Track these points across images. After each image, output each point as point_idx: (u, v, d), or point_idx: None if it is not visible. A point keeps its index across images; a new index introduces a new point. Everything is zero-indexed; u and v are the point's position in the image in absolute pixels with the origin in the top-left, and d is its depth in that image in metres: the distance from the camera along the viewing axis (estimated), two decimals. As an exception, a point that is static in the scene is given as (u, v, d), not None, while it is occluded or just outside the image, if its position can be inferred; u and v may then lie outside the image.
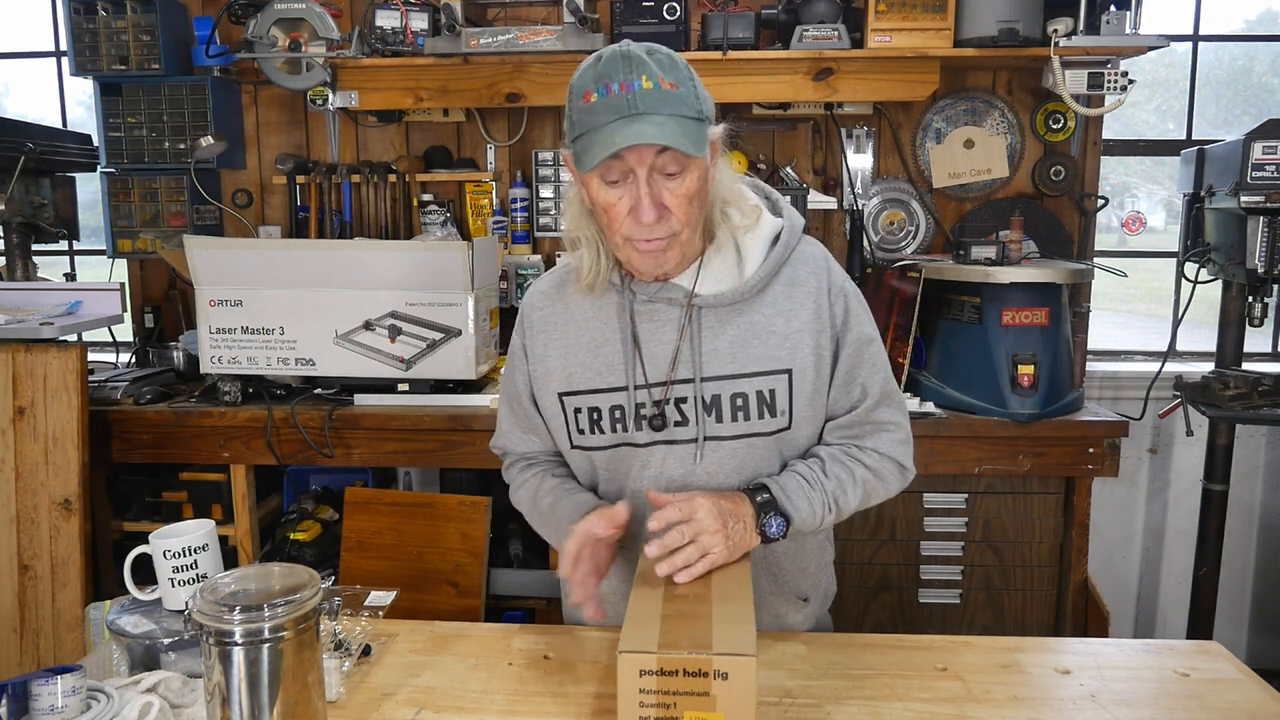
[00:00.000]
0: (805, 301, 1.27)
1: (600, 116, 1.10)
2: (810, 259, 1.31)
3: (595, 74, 1.12)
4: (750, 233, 1.27)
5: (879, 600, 2.43)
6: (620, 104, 1.09)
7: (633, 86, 1.09)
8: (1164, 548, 3.09)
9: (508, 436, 1.45)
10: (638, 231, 1.16)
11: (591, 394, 1.30)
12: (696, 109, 1.13)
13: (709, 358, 1.26)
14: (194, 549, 1.24)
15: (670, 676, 0.97)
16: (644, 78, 1.10)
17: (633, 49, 1.13)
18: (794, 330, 1.27)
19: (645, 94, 1.09)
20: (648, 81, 1.10)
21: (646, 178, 1.13)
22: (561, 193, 2.91)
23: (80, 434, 2.31)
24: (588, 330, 1.31)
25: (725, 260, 1.26)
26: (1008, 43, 2.46)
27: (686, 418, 1.27)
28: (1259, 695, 1.17)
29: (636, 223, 1.15)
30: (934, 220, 2.90)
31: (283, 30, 2.62)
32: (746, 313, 1.27)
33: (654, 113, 1.09)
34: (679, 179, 1.14)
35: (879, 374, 1.32)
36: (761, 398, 1.26)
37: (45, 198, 2.78)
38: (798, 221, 1.32)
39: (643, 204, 1.13)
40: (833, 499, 1.26)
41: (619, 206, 1.16)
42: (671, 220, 1.16)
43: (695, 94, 1.14)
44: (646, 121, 1.09)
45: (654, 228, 1.15)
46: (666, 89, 1.11)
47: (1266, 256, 2.40)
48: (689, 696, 0.97)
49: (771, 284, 1.27)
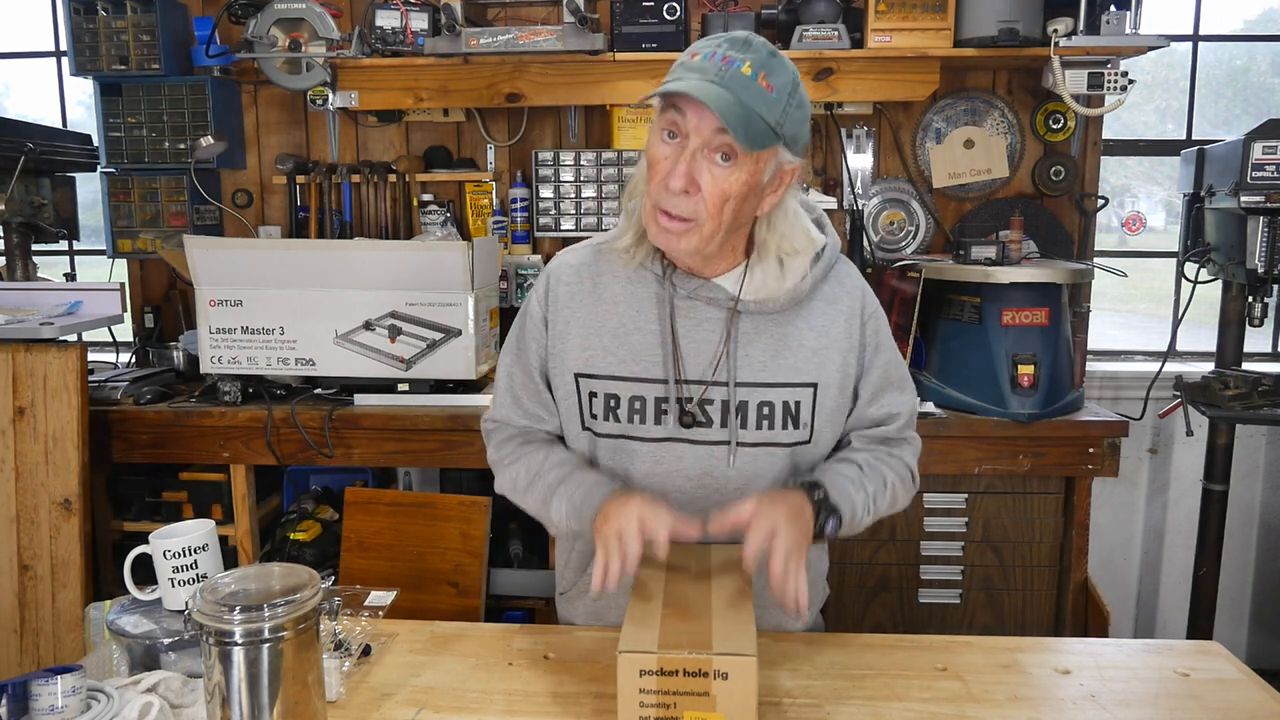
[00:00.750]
0: (838, 320, 1.29)
1: (691, 71, 1.11)
2: (847, 279, 1.33)
3: (714, 42, 1.13)
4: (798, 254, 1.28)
5: (879, 600, 2.43)
6: (711, 69, 1.10)
7: (733, 64, 1.10)
8: (1164, 548, 3.09)
9: (508, 408, 1.38)
10: (664, 198, 1.15)
11: (611, 380, 1.29)
12: (776, 120, 1.12)
13: (743, 364, 1.26)
14: (194, 549, 1.24)
15: (670, 676, 0.97)
16: (748, 64, 1.10)
17: (758, 40, 1.13)
18: (824, 346, 1.28)
19: (738, 76, 1.09)
20: (749, 68, 1.10)
21: (697, 148, 1.12)
22: (561, 193, 2.91)
23: (80, 434, 2.31)
24: (616, 315, 1.30)
25: (768, 270, 1.26)
26: (1008, 43, 2.46)
27: (710, 419, 1.27)
28: (1259, 695, 1.17)
29: (665, 189, 1.14)
30: (934, 220, 2.90)
31: (283, 30, 2.62)
32: (782, 324, 1.28)
33: (732, 91, 1.08)
34: (724, 170, 1.13)
35: (905, 396, 1.35)
36: (787, 409, 1.27)
37: (45, 198, 2.78)
38: (837, 240, 1.34)
39: (677, 169, 1.13)
40: (873, 500, 1.26)
41: (663, 165, 1.15)
42: (698, 204, 1.14)
43: (784, 109, 1.12)
44: (720, 93, 1.08)
45: (678, 200, 1.14)
46: (761, 86, 1.10)
47: (1266, 256, 2.40)
48: (689, 696, 0.97)
49: (810, 299, 1.29)
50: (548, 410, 1.36)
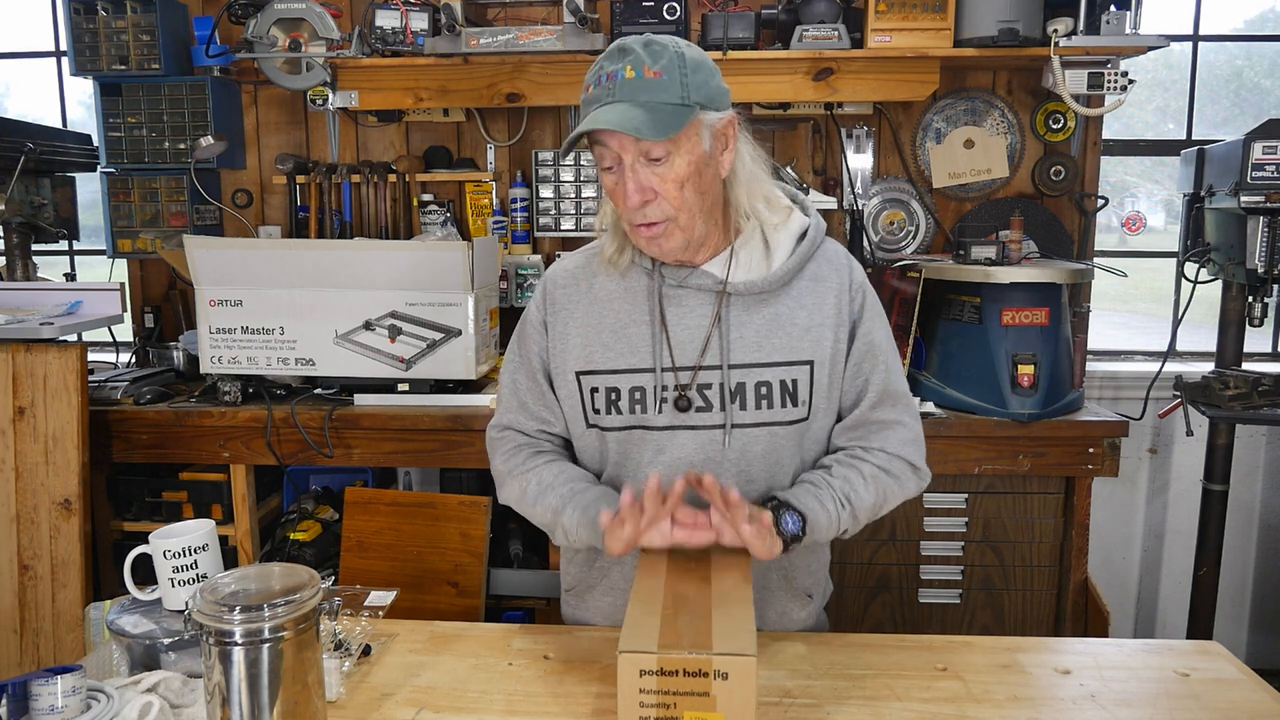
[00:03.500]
0: (828, 296, 1.31)
1: (587, 107, 1.19)
2: (834, 256, 1.35)
3: (597, 66, 1.21)
4: (780, 229, 1.30)
5: (879, 600, 2.43)
6: (600, 94, 1.17)
7: (616, 77, 1.16)
8: (1164, 548, 3.09)
9: (515, 413, 1.40)
10: (633, 215, 1.21)
11: (611, 374, 1.31)
12: (680, 95, 1.16)
13: (736, 345, 1.28)
14: (194, 549, 1.24)
15: (670, 676, 0.97)
16: (628, 68, 1.16)
17: (630, 41, 1.19)
18: (816, 324, 1.30)
19: (624, 84, 1.15)
20: (630, 71, 1.16)
21: (631, 164, 1.18)
22: (561, 193, 2.91)
23: (80, 434, 2.31)
24: (612, 311, 1.32)
25: (753, 252, 1.30)
26: (1008, 43, 2.46)
27: (710, 403, 1.29)
28: (1259, 695, 1.17)
29: (625, 206, 1.20)
30: (934, 220, 2.90)
31: (283, 30, 2.62)
32: (772, 304, 1.29)
33: (625, 101, 1.15)
34: (665, 164, 1.18)
35: (883, 372, 1.33)
36: (785, 387, 1.29)
37: (45, 198, 2.78)
38: (822, 220, 1.36)
39: (625, 188, 1.19)
40: (843, 496, 1.26)
41: (617, 191, 1.21)
42: (663, 204, 1.19)
43: (682, 81, 1.16)
44: (612, 110, 1.14)
45: (644, 211, 1.20)
46: (649, 78, 1.15)
47: (1266, 256, 2.40)
48: (689, 696, 0.97)
49: (797, 278, 1.30)
50: (553, 413, 1.38)
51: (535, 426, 1.39)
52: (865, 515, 1.30)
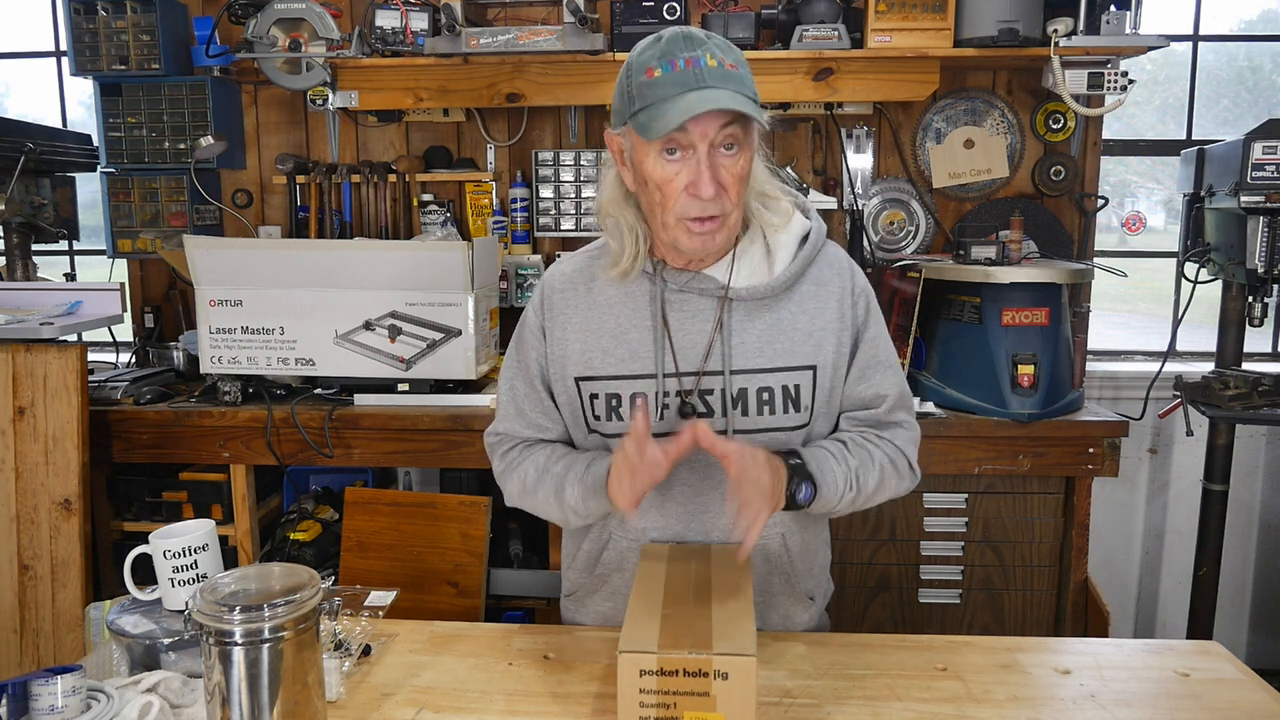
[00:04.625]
0: (829, 301, 1.30)
1: (667, 89, 1.12)
2: (835, 260, 1.34)
3: (658, 51, 1.15)
4: (781, 232, 1.29)
5: (879, 600, 2.43)
6: (688, 78, 1.12)
7: (699, 63, 1.12)
8: (1164, 548, 3.09)
9: (512, 421, 1.38)
10: (693, 208, 1.17)
11: (612, 380, 1.30)
12: (753, 91, 1.16)
13: (738, 351, 1.27)
14: (194, 549, 1.24)
15: (670, 676, 0.97)
16: (708, 55, 1.13)
17: (693, 30, 1.17)
18: (818, 328, 1.29)
19: (711, 70, 1.13)
20: (711, 59, 1.13)
21: (708, 151, 1.14)
22: (561, 193, 2.91)
23: (80, 434, 2.31)
24: (612, 316, 1.31)
25: (755, 256, 1.29)
26: (1008, 43, 2.46)
27: (712, 409, 1.28)
28: (1259, 695, 1.17)
29: (694, 198, 1.16)
30: (934, 220, 2.90)
31: (283, 30, 2.62)
32: (774, 309, 1.29)
33: (722, 87, 1.12)
34: (736, 157, 1.17)
35: (894, 376, 1.34)
36: (787, 393, 1.28)
37: (45, 198, 2.78)
38: (823, 224, 1.35)
39: (703, 177, 1.14)
40: (855, 475, 1.26)
41: (676, 182, 1.16)
42: (725, 200, 1.17)
43: (750, 77, 1.18)
44: (719, 94, 1.11)
45: (710, 204, 1.16)
46: (729, 68, 1.14)
47: (1266, 256, 2.40)
48: (689, 696, 0.97)
49: (799, 282, 1.30)
50: (551, 419, 1.37)
51: (531, 434, 1.38)
52: (860, 501, 1.29)
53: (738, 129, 1.15)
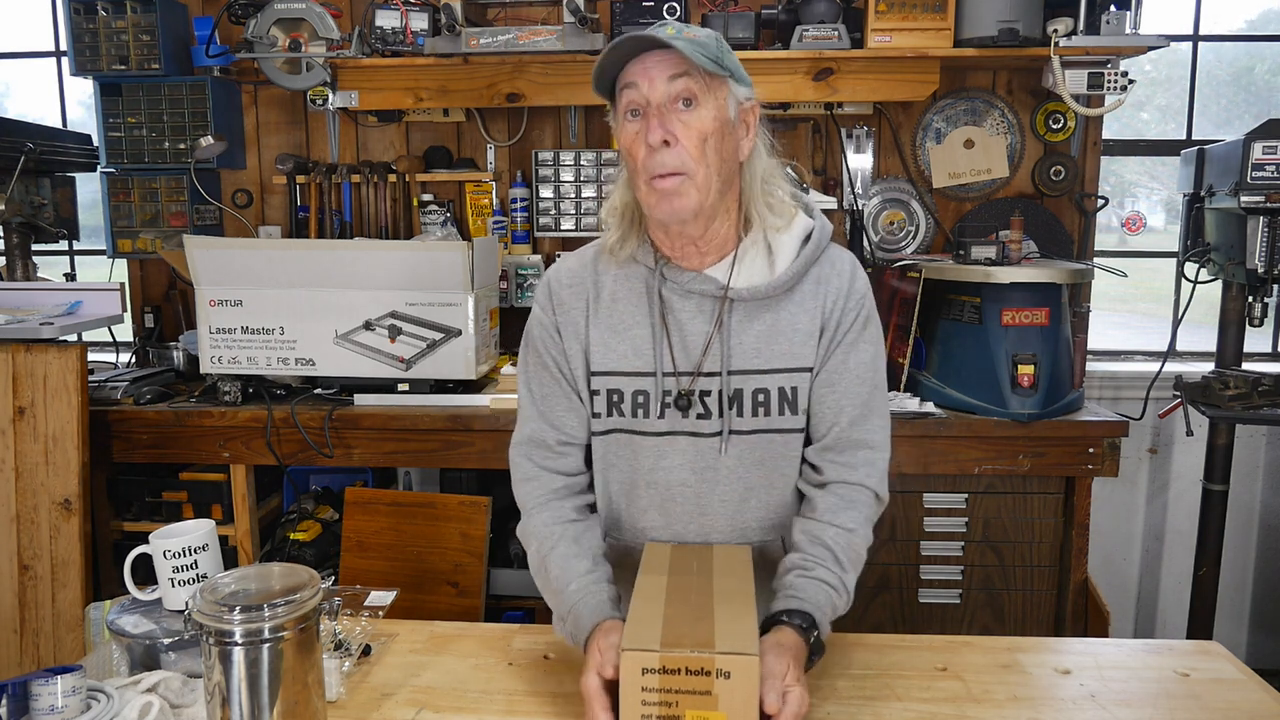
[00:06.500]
0: (828, 301, 1.29)
1: (622, 46, 1.18)
2: (838, 261, 1.32)
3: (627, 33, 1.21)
4: (783, 232, 1.27)
5: (879, 600, 2.43)
6: (642, 36, 1.16)
7: (659, 30, 1.17)
8: (1164, 548, 3.09)
9: (536, 423, 1.33)
10: (649, 163, 1.18)
11: (614, 376, 1.29)
12: (714, 55, 1.17)
13: (736, 352, 1.27)
14: (194, 549, 1.24)
15: (673, 675, 0.97)
16: (669, 28, 1.18)
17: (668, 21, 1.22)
18: (816, 329, 1.28)
19: (667, 33, 1.17)
20: (671, 30, 1.17)
21: (659, 104, 1.17)
22: (561, 193, 2.91)
23: (80, 434, 2.31)
24: (616, 311, 1.31)
25: (757, 256, 1.28)
26: (1008, 43, 2.46)
27: (709, 410, 1.28)
28: (1259, 695, 1.17)
29: (649, 154, 1.18)
30: (934, 220, 2.90)
31: (283, 30, 2.62)
32: (774, 309, 1.28)
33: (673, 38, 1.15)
34: (692, 112, 1.17)
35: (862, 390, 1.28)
36: (783, 394, 1.27)
37: (45, 198, 2.78)
38: (828, 224, 1.33)
39: (650, 125, 1.17)
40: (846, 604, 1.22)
41: (638, 141, 1.19)
42: (681, 153, 1.17)
43: (718, 49, 1.19)
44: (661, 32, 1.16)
45: (663, 156, 1.17)
46: (689, 37, 1.17)
47: (1266, 256, 2.40)
48: (691, 695, 0.97)
49: (801, 282, 1.28)
50: (578, 416, 1.33)
51: (556, 437, 1.33)
52: None
53: (691, 84, 1.16)
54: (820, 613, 1.16)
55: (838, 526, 1.24)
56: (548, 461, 1.33)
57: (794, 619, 1.13)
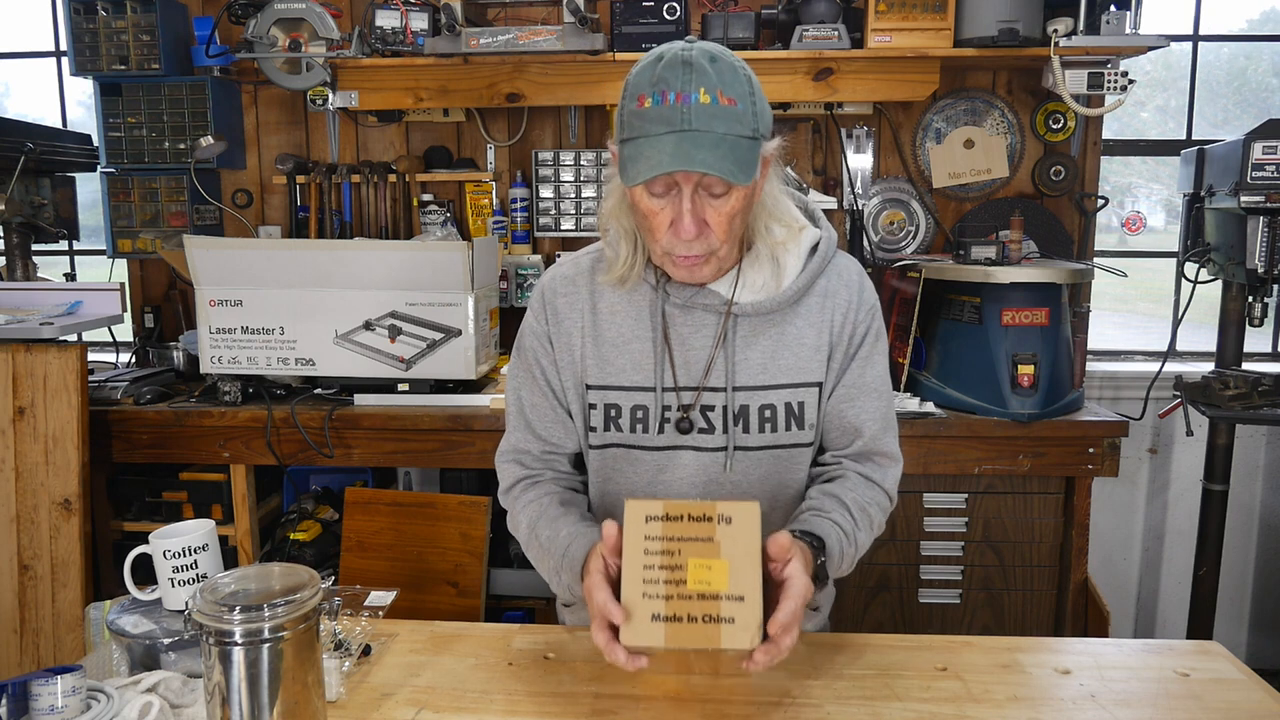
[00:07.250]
0: (835, 314, 1.27)
1: (652, 125, 1.06)
2: (845, 271, 1.30)
3: (653, 77, 1.08)
4: (788, 245, 1.25)
5: (879, 600, 2.43)
6: (674, 116, 1.05)
7: (688, 99, 1.05)
8: (1164, 548, 3.09)
9: (522, 433, 1.32)
10: (677, 246, 1.14)
11: (612, 390, 1.27)
12: (752, 127, 1.09)
13: (741, 367, 1.25)
14: (194, 549, 1.24)
15: (675, 522, 0.99)
16: (702, 90, 1.06)
17: (695, 55, 1.08)
18: (824, 343, 1.27)
19: (700, 109, 1.05)
20: (705, 95, 1.05)
21: (691, 194, 1.10)
22: (561, 193, 2.91)
23: (80, 434, 2.31)
24: (614, 325, 1.28)
25: (762, 271, 1.25)
26: (1008, 43, 2.46)
27: (713, 425, 1.26)
28: (1259, 695, 1.17)
29: (676, 237, 1.13)
30: (934, 220, 2.90)
31: (283, 30, 2.62)
32: (780, 324, 1.26)
33: (707, 130, 1.05)
34: (724, 199, 1.11)
35: (881, 403, 1.30)
36: (790, 410, 1.26)
37: (45, 198, 2.78)
38: (833, 233, 1.31)
39: (684, 221, 1.10)
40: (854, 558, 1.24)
41: (660, 217, 1.13)
42: (711, 238, 1.14)
43: (753, 110, 1.10)
44: (698, 142, 1.05)
45: (693, 244, 1.13)
46: (724, 105, 1.06)
47: (1266, 256, 2.40)
48: (693, 542, 0.98)
49: (806, 295, 1.27)
50: (565, 429, 1.32)
51: (541, 448, 1.33)
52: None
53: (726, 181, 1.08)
54: (830, 540, 1.16)
55: (855, 493, 1.26)
56: (535, 465, 1.34)
57: (803, 538, 1.13)
